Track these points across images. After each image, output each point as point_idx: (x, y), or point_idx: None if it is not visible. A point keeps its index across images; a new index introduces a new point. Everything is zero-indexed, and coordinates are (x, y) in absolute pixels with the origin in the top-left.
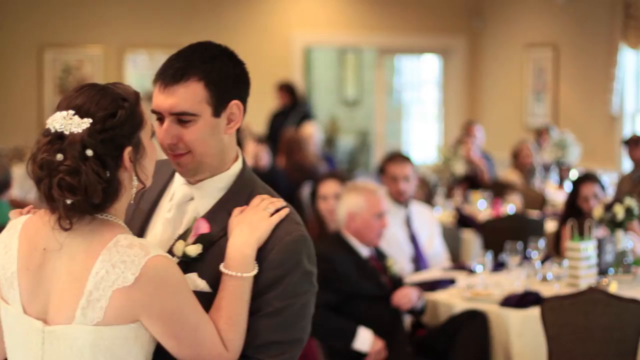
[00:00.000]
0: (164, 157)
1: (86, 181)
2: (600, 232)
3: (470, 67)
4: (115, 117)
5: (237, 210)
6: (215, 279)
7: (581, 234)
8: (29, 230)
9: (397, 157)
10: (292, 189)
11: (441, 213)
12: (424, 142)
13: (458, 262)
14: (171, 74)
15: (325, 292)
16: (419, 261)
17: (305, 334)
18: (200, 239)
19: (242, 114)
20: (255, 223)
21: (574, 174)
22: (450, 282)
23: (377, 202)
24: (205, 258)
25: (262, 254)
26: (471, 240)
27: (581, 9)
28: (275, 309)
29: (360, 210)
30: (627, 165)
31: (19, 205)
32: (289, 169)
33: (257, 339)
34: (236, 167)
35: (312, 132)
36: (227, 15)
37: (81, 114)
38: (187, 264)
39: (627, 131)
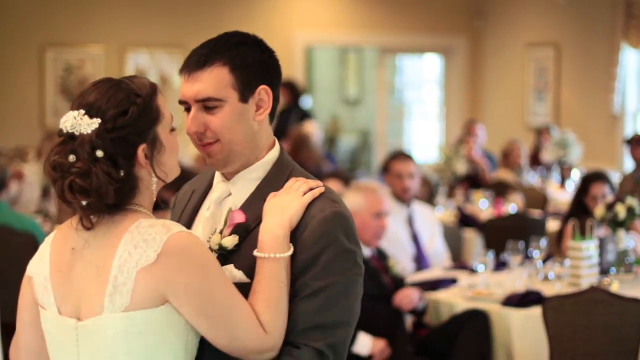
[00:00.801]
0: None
1: (97, 183)
2: (602, 231)
3: (472, 66)
4: (127, 115)
5: (271, 196)
6: (252, 269)
7: (583, 233)
8: (59, 236)
9: (402, 155)
10: None
11: (443, 212)
12: (425, 141)
13: (460, 262)
14: (195, 61)
15: None
16: (420, 261)
17: (351, 316)
18: (235, 230)
19: (271, 101)
20: (286, 204)
21: (576, 173)
22: (452, 281)
23: (377, 201)
24: (241, 249)
25: (296, 234)
26: (473, 239)
27: (583, 9)
28: (313, 290)
29: (359, 209)
30: (629, 164)
31: None
32: None
33: (298, 324)
34: (271, 155)
35: (313, 131)
36: (228, 15)
37: (91, 113)
38: (225, 257)
39: (629, 131)
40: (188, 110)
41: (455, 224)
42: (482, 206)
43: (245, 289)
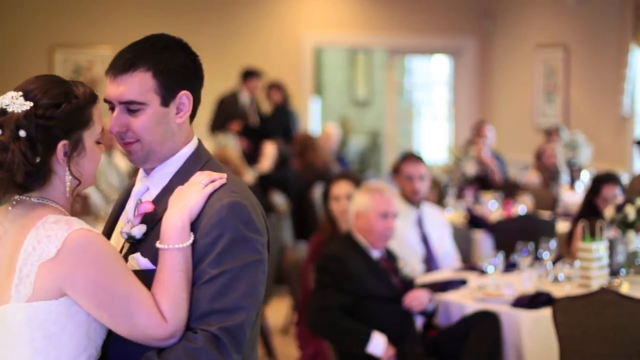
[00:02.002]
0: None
1: (11, 159)
2: (612, 232)
3: (481, 67)
4: (58, 108)
5: (177, 189)
6: (158, 257)
7: (593, 234)
8: None
9: (412, 157)
10: (303, 189)
11: (452, 213)
12: (434, 142)
13: (469, 263)
14: (121, 64)
15: (337, 292)
16: (430, 262)
17: (249, 301)
18: (144, 219)
19: (192, 104)
20: (187, 195)
21: (585, 174)
22: (461, 282)
23: (383, 201)
24: (149, 237)
25: (195, 223)
26: (482, 240)
27: (592, 10)
28: (210, 276)
29: (365, 209)
30: (638, 165)
31: None
32: (301, 169)
33: (197, 309)
34: (186, 150)
35: (331, 133)
36: (237, 16)
37: (27, 97)
38: (134, 245)
39: (638, 132)
40: (112, 109)
41: (465, 225)
42: (492, 207)
43: (151, 276)
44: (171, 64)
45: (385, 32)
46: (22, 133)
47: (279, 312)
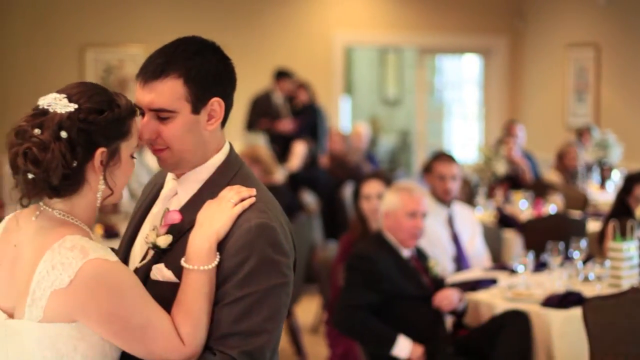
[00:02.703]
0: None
1: (50, 159)
2: None
3: (512, 66)
4: (101, 114)
5: (206, 204)
6: (181, 270)
7: (623, 234)
8: (10, 224)
9: (445, 156)
10: (334, 188)
11: (482, 213)
12: (465, 141)
13: (499, 262)
14: (151, 70)
15: (367, 292)
16: (460, 261)
17: (271, 324)
18: (170, 229)
19: (223, 111)
20: (215, 215)
21: (616, 174)
22: (491, 282)
23: (411, 201)
24: (175, 248)
25: (222, 243)
26: (512, 240)
27: (623, 9)
28: (234, 298)
29: (394, 208)
30: None
31: None
32: (332, 168)
33: (217, 330)
34: (217, 158)
35: (362, 132)
36: (268, 15)
37: (71, 99)
38: (159, 255)
39: None
40: (142, 114)
41: (495, 225)
42: (522, 206)
43: (174, 289)
44: (203, 71)
45: (415, 32)
46: (64, 134)
47: (308, 311)
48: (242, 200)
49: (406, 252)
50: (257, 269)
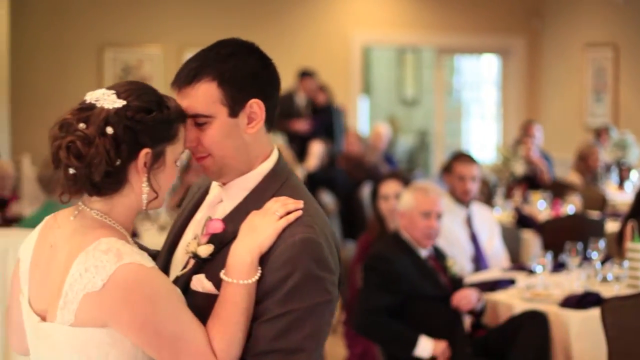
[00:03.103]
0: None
1: (94, 154)
2: None
3: (530, 66)
4: (149, 114)
5: (251, 214)
6: (221, 282)
7: None
8: (45, 227)
9: (465, 157)
10: (352, 188)
11: (501, 213)
12: (483, 142)
13: (518, 263)
14: (184, 75)
15: (385, 293)
16: (479, 261)
17: (312, 343)
18: (211, 239)
19: (264, 112)
20: (259, 228)
21: (634, 174)
22: (510, 282)
23: (426, 201)
24: (216, 258)
25: (265, 256)
26: (531, 240)
27: None
28: (275, 315)
29: (409, 208)
30: None
31: None
32: (349, 169)
33: (256, 346)
34: (264, 167)
35: (382, 132)
36: (286, 15)
37: (120, 96)
38: (199, 264)
39: None
40: None
41: (513, 225)
42: (540, 207)
43: (213, 301)
44: (237, 72)
45: (433, 31)
46: (110, 130)
47: None
48: (288, 213)
49: (424, 252)
50: (300, 285)
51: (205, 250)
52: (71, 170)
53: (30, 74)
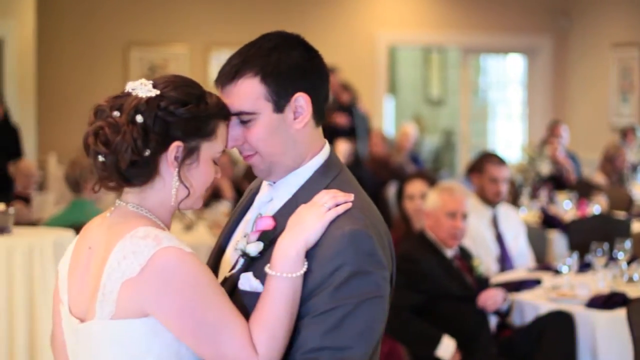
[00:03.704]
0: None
1: (121, 141)
2: None
3: (556, 66)
4: (184, 107)
5: (300, 207)
6: None
7: None
8: (82, 233)
9: (496, 159)
10: (378, 187)
11: (526, 213)
12: (508, 141)
13: (543, 263)
14: (226, 72)
15: (411, 292)
16: (504, 261)
17: (363, 340)
18: (261, 236)
19: (310, 106)
20: (306, 220)
21: None
22: (535, 282)
23: (452, 201)
24: (265, 256)
25: (312, 250)
26: (556, 240)
27: None
28: (324, 310)
29: (435, 208)
30: None
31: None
32: (375, 168)
33: (306, 344)
34: (315, 161)
35: (409, 132)
36: (311, 14)
37: (157, 86)
38: (248, 263)
39: None
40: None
41: (539, 225)
42: (566, 207)
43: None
44: (281, 65)
45: (459, 31)
46: (139, 118)
47: None
48: (337, 205)
49: (449, 252)
50: (349, 279)
51: (255, 248)
52: (100, 158)
53: (57, 74)
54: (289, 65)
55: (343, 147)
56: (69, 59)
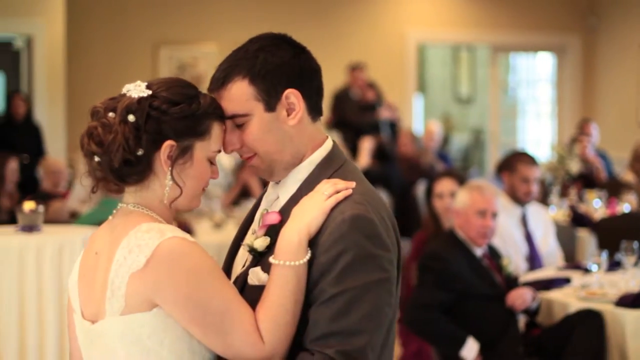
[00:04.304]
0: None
1: (113, 141)
2: None
3: (585, 64)
4: (175, 106)
5: (303, 198)
6: None
7: None
8: (91, 240)
9: (529, 158)
10: (407, 186)
11: (556, 212)
12: (538, 140)
13: (573, 262)
14: (216, 78)
15: (439, 291)
16: (533, 260)
17: (372, 323)
18: (268, 231)
19: (302, 101)
20: (307, 208)
21: None
22: (565, 281)
23: (482, 199)
24: (271, 251)
25: (315, 238)
26: (586, 239)
27: None
28: (330, 295)
29: (464, 207)
30: None
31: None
32: (404, 168)
33: (315, 330)
34: (315, 156)
35: (434, 130)
36: (341, 13)
37: (150, 87)
38: (257, 258)
39: None
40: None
41: (568, 223)
42: (596, 205)
43: None
44: (268, 65)
45: (488, 29)
46: (131, 118)
47: None
48: (338, 192)
49: (479, 251)
50: (353, 263)
51: (262, 243)
52: (95, 158)
53: (86, 72)
54: (275, 64)
55: (367, 145)
56: (98, 58)
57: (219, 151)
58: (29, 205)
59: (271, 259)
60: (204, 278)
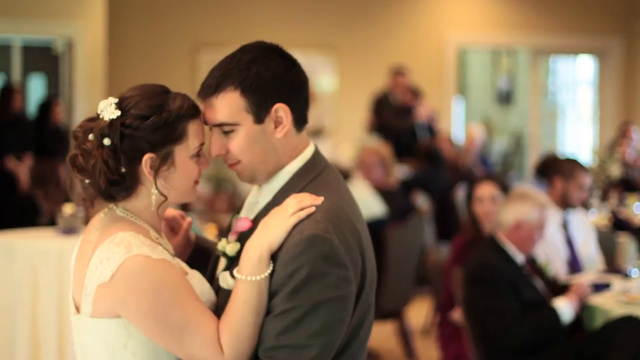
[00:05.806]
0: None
1: (93, 166)
2: None
3: (627, 68)
4: (146, 120)
5: (272, 211)
6: None
7: None
8: (92, 222)
9: (582, 165)
10: (447, 189)
11: (596, 216)
12: (578, 144)
13: (613, 266)
14: (207, 85)
15: (509, 300)
16: (574, 265)
17: (319, 342)
18: (239, 237)
19: (289, 116)
20: (272, 224)
21: None
22: (605, 286)
23: (547, 217)
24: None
25: (277, 254)
26: (626, 244)
27: None
28: (281, 310)
29: (530, 221)
30: None
31: None
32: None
33: (265, 341)
34: (293, 165)
35: (475, 134)
36: (381, 16)
37: (120, 105)
38: (229, 263)
39: None
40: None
41: (609, 228)
42: (636, 210)
43: None
44: (260, 78)
45: (528, 32)
46: (107, 141)
47: (420, 313)
48: (302, 209)
49: (520, 258)
50: (305, 282)
51: (232, 248)
52: (86, 181)
53: (126, 74)
54: (267, 78)
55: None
56: (139, 61)
57: (202, 144)
58: (69, 208)
59: (235, 273)
60: (163, 294)
